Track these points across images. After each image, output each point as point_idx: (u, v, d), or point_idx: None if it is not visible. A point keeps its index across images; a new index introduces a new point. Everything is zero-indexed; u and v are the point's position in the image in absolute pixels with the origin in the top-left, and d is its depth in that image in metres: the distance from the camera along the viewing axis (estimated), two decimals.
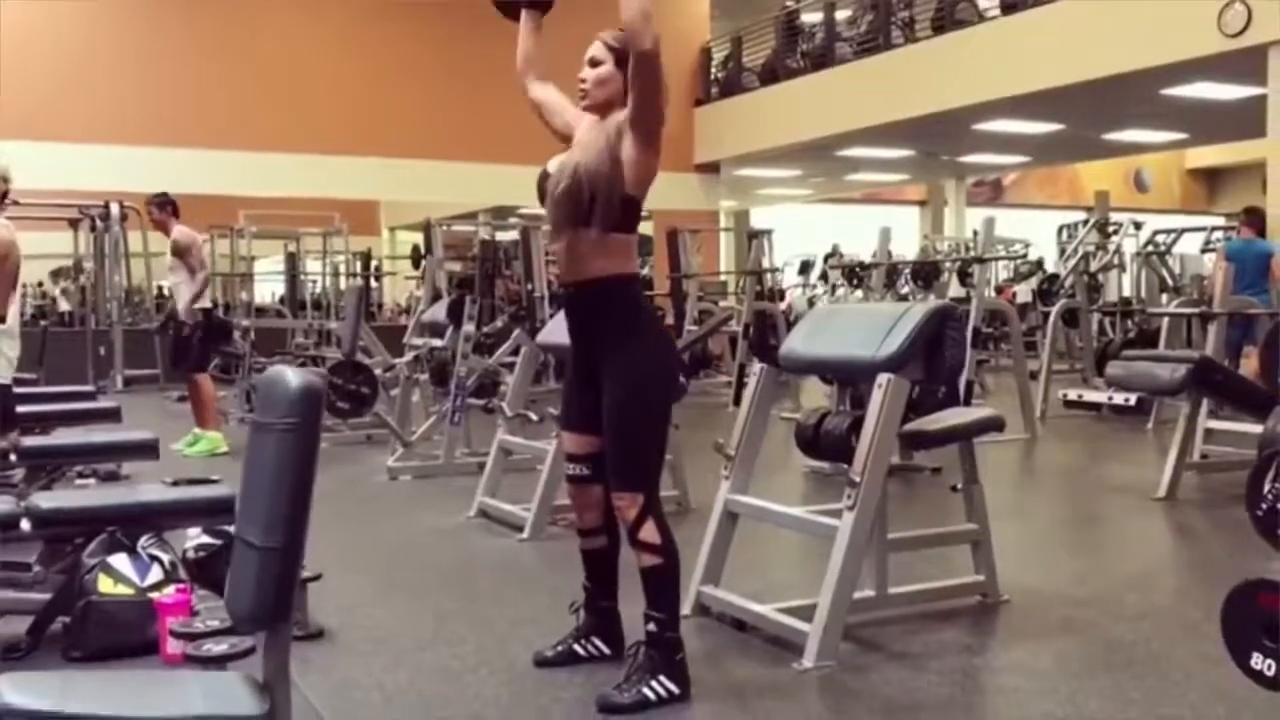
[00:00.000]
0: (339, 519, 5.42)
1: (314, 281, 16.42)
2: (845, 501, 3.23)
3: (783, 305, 20.53)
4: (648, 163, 2.88)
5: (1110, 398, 5.50)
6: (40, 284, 16.94)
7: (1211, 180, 25.99)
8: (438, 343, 6.91)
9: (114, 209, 12.75)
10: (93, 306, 13.53)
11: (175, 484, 3.64)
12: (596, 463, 3.02)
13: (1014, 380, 8.28)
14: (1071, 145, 16.48)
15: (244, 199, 14.07)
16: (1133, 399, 5.38)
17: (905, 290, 16.28)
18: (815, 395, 9.45)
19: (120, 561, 3.33)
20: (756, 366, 3.79)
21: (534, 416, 5.11)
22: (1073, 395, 5.75)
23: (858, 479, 3.21)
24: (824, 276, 22.10)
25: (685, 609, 3.61)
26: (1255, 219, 10.58)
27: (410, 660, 3.31)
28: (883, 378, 3.26)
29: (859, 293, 18.30)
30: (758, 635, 3.46)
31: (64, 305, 16.20)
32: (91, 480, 5.20)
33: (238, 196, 14.07)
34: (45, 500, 3.39)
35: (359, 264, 16.57)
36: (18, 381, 4.58)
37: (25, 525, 3.35)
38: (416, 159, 15.49)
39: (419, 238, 23.97)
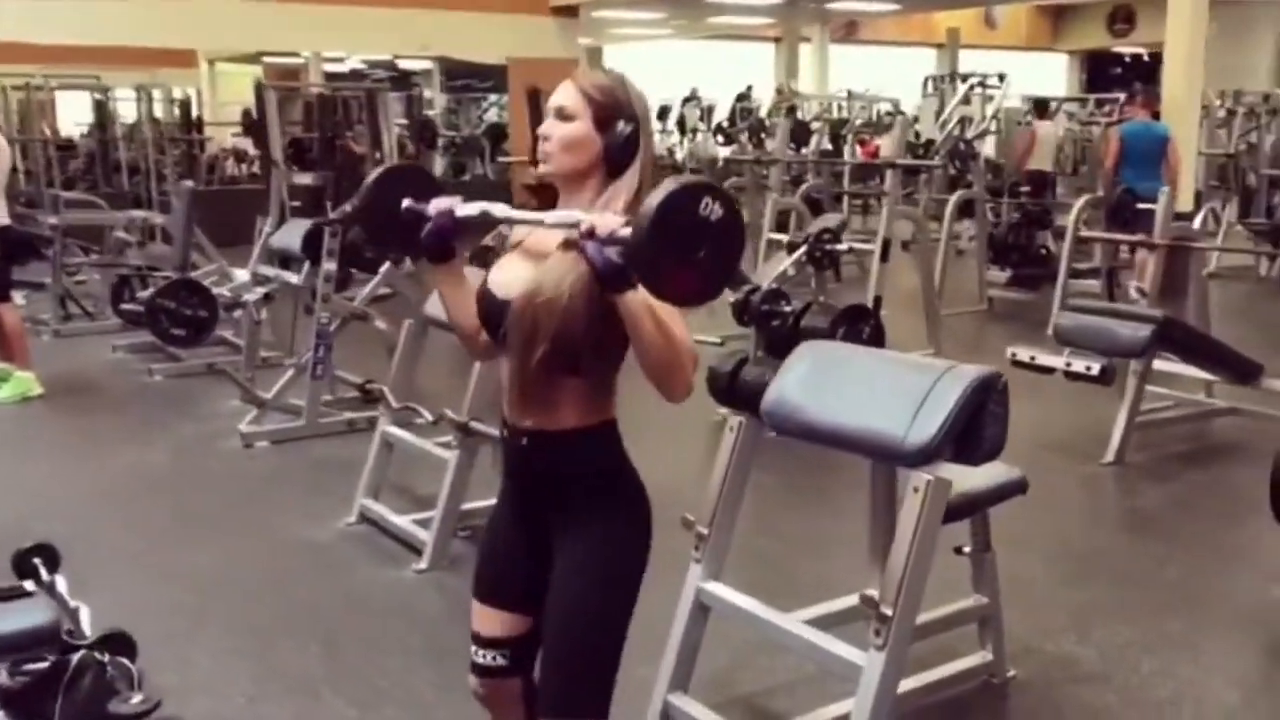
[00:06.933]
0: (182, 530, 4.53)
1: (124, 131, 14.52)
2: (874, 639, 2.55)
3: None
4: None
5: (1068, 363, 4.91)
6: None
7: (1057, 16, 25.95)
8: (292, 278, 5.88)
9: None
10: None
11: None
12: (518, 647, 2.16)
13: (919, 286, 7.74)
14: None
15: (36, 47, 12.21)
16: (1095, 367, 4.80)
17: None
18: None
19: None
20: (734, 419, 3.03)
21: (426, 415, 4.24)
22: (1024, 355, 5.12)
23: (889, 612, 2.52)
24: (680, 123, 21.18)
25: None
26: (1148, 99, 10.18)
27: None
28: (919, 479, 2.55)
29: (726, 150, 17.53)
30: None
31: None
32: None
33: (28, 45, 12.22)
34: None
35: (178, 113, 14.92)
36: None
37: None
38: None
39: (245, 71, 21.91)
